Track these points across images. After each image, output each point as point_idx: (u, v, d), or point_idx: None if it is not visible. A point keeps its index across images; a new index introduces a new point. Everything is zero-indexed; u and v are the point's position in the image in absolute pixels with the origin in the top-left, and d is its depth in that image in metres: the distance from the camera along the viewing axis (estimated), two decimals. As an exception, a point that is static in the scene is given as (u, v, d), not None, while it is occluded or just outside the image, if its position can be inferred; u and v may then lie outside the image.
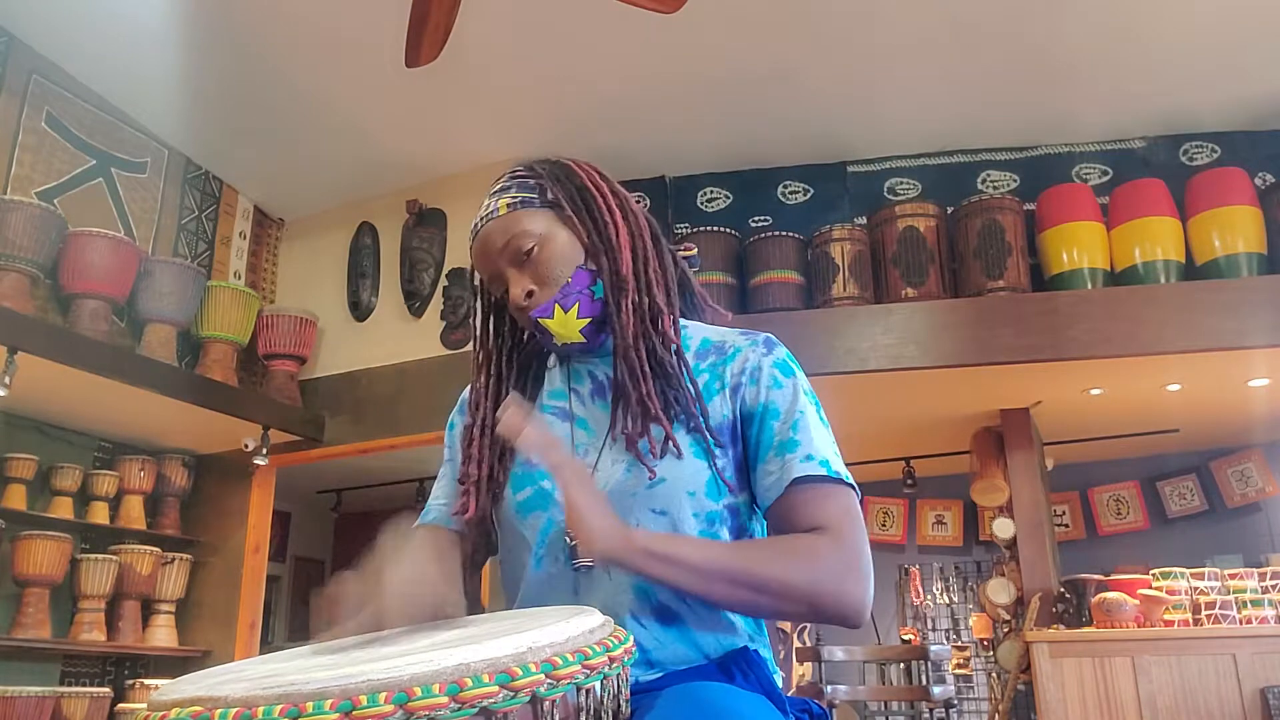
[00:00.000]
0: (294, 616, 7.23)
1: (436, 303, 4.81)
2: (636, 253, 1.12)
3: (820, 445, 1.05)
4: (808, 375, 1.13)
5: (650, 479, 1.04)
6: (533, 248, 1.09)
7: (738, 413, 1.09)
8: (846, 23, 3.95)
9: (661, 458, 1.04)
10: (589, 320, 1.10)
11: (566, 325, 1.09)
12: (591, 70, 4.22)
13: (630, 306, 1.09)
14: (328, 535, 7.57)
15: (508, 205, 1.11)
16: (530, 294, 1.09)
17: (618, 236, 1.11)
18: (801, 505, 1.02)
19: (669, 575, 0.95)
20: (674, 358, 1.09)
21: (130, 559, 4.31)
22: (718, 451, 1.07)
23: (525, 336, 1.22)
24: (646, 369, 1.07)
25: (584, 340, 1.11)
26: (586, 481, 0.96)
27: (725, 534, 1.06)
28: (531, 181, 1.13)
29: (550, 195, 1.12)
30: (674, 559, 0.94)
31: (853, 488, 1.05)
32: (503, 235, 1.10)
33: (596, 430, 1.11)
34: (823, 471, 1.02)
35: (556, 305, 1.09)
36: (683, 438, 1.06)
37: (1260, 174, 4.46)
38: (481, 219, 1.13)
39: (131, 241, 4.28)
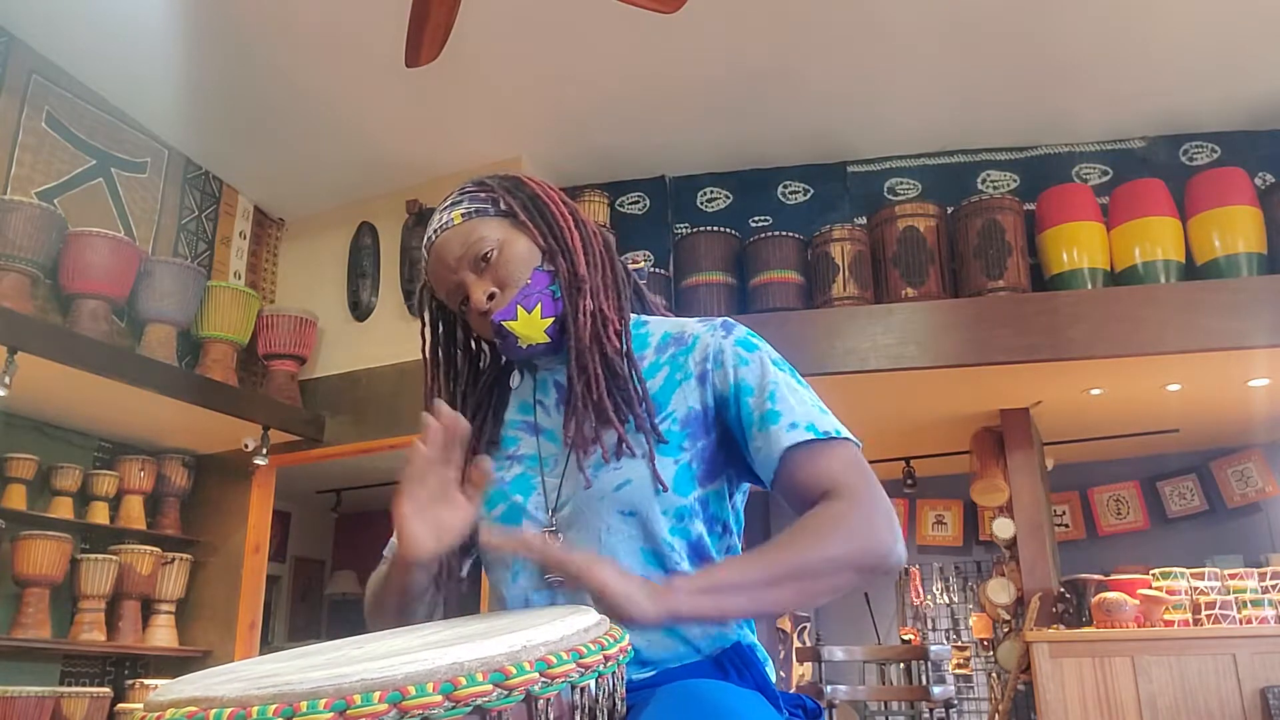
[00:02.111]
0: (294, 616, 7.23)
1: (436, 303, 4.80)
2: (589, 257, 1.13)
3: (801, 410, 1.04)
4: (808, 375, 1.13)
5: (586, 486, 1.04)
6: (490, 251, 1.10)
7: (709, 401, 1.08)
8: (847, 23, 3.95)
9: (618, 460, 1.05)
10: (553, 319, 1.10)
11: (531, 325, 1.09)
12: (591, 70, 4.22)
13: (586, 308, 1.09)
14: (328, 535, 7.57)
15: (462, 215, 1.12)
16: (492, 296, 1.09)
17: (572, 239, 1.12)
18: (802, 472, 1.01)
19: (727, 606, 0.94)
20: (624, 361, 1.09)
21: (130, 559, 4.31)
22: (687, 444, 1.07)
23: (482, 364, 1.22)
24: (600, 371, 1.07)
25: (549, 340, 1.11)
26: (599, 561, 0.92)
27: (698, 527, 1.06)
28: (483, 194, 1.14)
29: (504, 205, 1.13)
30: (722, 587, 0.93)
31: (849, 439, 1.04)
32: (461, 243, 1.11)
33: (562, 439, 1.11)
34: (810, 436, 1.01)
35: (519, 306, 1.09)
36: (640, 439, 1.06)
37: (1260, 174, 4.46)
38: (436, 230, 1.13)
39: (131, 241, 4.28)
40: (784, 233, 4.57)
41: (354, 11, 3.79)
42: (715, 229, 4.68)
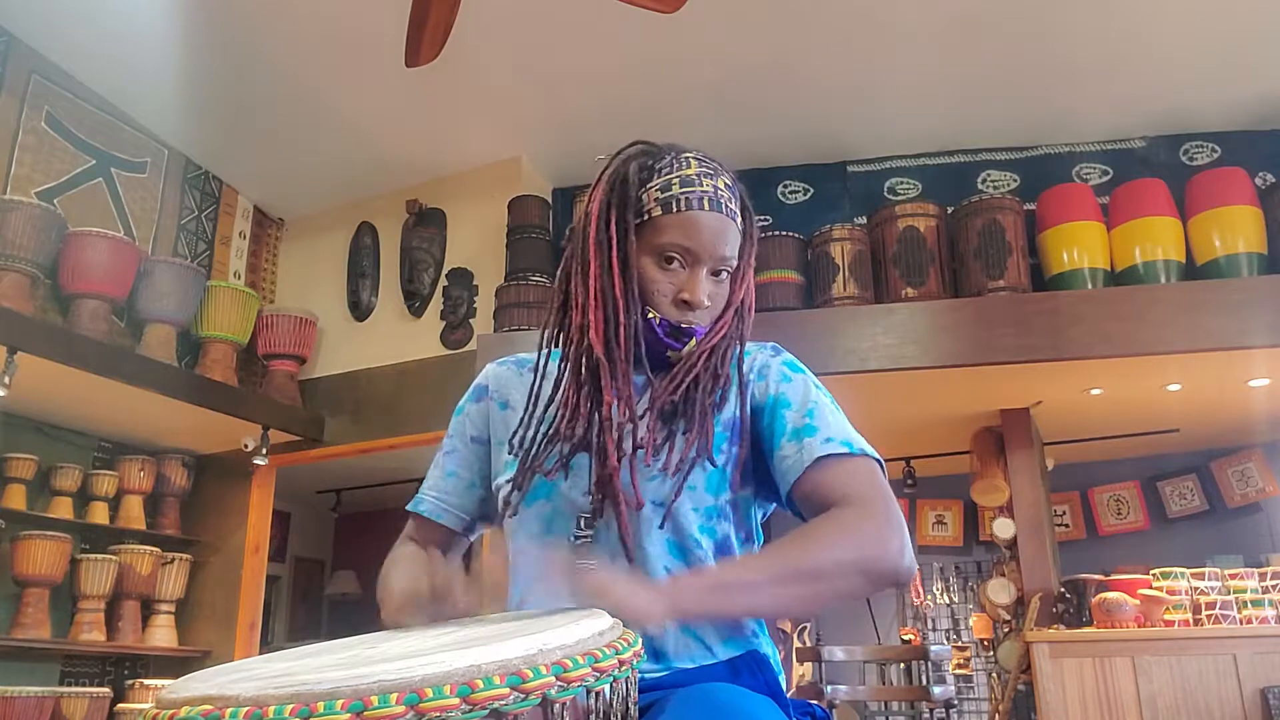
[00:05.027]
0: (294, 616, 7.22)
1: (436, 303, 4.81)
2: (750, 312, 1.16)
3: (839, 428, 1.07)
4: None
5: (664, 468, 1.04)
6: (726, 274, 1.12)
7: (747, 409, 1.11)
8: (847, 22, 3.95)
9: (660, 454, 1.05)
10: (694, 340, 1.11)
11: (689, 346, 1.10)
12: (591, 70, 4.22)
13: (732, 346, 1.12)
14: (328, 535, 7.56)
15: (728, 213, 1.11)
16: (706, 308, 1.09)
17: (745, 295, 1.15)
18: (824, 482, 1.03)
19: (733, 604, 0.94)
20: (723, 378, 1.10)
21: (130, 559, 4.31)
22: (725, 448, 1.08)
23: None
24: (703, 384, 1.08)
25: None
26: (606, 580, 0.89)
27: (725, 528, 1.08)
28: (736, 197, 1.15)
29: (742, 225, 1.14)
30: (729, 585, 0.93)
31: (876, 459, 1.06)
32: (719, 241, 1.09)
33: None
34: (844, 450, 1.04)
35: (702, 336, 1.10)
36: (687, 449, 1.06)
37: (1260, 174, 4.46)
38: (710, 200, 1.10)
39: (131, 241, 4.28)
40: (784, 232, 4.56)
41: (354, 11, 3.78)
42: (715, 229, 4.67)
